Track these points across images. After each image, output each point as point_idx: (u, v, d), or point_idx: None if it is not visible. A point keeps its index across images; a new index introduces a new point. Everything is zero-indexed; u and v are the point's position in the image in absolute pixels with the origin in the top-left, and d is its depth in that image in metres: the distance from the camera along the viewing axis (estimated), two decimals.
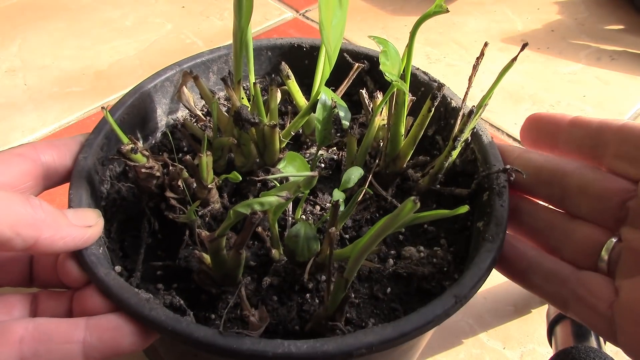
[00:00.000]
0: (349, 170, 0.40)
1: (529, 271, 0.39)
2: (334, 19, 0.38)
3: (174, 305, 0.35)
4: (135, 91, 0.45)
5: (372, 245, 0.27)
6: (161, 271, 0.40)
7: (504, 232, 0.37)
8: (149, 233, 0.41)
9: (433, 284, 0.39)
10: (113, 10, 0.89)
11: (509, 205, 0.39)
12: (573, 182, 0.38)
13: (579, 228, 0.38)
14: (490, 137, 0.43)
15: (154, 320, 0.32)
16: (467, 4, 0.94)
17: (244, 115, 0.39)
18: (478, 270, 0.35)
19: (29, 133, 0.68)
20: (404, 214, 0.24)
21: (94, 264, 0.34)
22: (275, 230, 0.37)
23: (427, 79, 0.48)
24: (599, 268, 0.37)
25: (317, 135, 0.41)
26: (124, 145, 0.37)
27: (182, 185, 0.38)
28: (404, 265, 0.40)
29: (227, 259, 0.33)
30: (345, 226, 0.43)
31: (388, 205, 0.44)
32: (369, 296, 0.39)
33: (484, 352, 0.53)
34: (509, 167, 0.39)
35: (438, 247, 0.42)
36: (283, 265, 0.39)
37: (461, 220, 0.43)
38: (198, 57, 0.48)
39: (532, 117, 0.41)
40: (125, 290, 0.33)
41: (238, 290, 0.34)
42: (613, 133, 0.37)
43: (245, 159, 0.43)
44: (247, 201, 0.28)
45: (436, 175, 0.43)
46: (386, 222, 0.25)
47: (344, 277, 0.31)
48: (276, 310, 0.37)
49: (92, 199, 0.39)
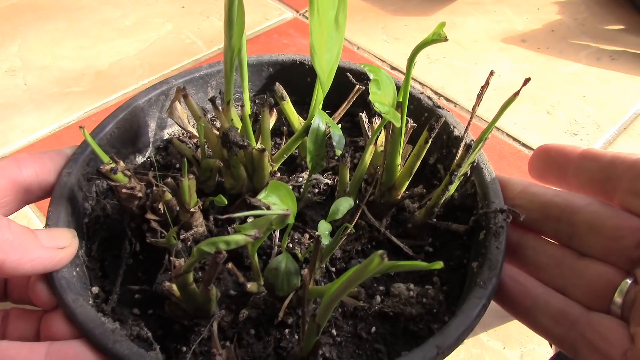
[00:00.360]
0: (338, 200, 0.38)
1: (534, 310, 0.36)
2: (329, 41, 0.36)
3: (141, 337, 0.34)
4: (128, 105, 0.44)
5: (341, 295, 0.25)
6: (139, 295, 0.38)
7: (497, 278, 0.35)
8: (130, 254, 0.40)
9: (421, 326, 0.37)
10: (113, 10, 0.89)
11: (505, 248, 0.36)
12: (583, 219, 0.36)
13: (589, 267, 0.36)
14: (492, 171, 0.41)
15: (116, 354, 0.30)
16: (467, 4, 0.94)
17: (231, 137, 0.38)
18: (465, 319, 0.33)
19: (29, 133, 0.68)
20: (369, 270, 0.22)
21: (62, 289, 0.33)
22: (255, 261, 0.35)
23: (431, 105, 0.45)
24: (612, 311, 0.34)
25: (308, 162, 0.40)
26: (103, 164, 0.35)
27: (162, 208, 0.36)
28: (392, 304, 0.38)
29: (197, 293, 0.31)
30: (333, 257, 0.41)
31: (381, 237, 0.42)
32: (352, 335, 0.37)
33: (484, 352, 0.52)
34: (506, 208, 0.36)
35: (430, 286, 0.39)
36: (263, 297, 0.37)
37: (457, 257, 0.41)
38: (196, 72, 0.47)
39: (542, 148, 0.39)
40: (91, 320, 0.32)
41: (209, 324, 0.33)
42: (626, 168, 0.34)
43: (234, 181, 0.42)
44: (212, 239, 0.26)
45: (432, 209, 0.40)
46: (354, 274, 0.23)
47: (315, 322, 0.29)
48: (252, 345, 0.35)
49: (73, 216, 0.38)
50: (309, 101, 0.48)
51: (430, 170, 0.47)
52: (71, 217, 0.38)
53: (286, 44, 0.83)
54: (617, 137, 0.73)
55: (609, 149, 0.71)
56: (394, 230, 0.42)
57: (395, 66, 0.80)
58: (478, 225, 0.39)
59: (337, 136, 0.40)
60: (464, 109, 0.74)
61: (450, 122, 0.44)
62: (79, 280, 0.36)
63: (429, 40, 0.33)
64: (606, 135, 0.72)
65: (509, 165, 0.68)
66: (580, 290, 0.36)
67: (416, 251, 0.42)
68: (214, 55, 0.81)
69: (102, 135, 0.42)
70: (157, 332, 0.36)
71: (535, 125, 0.72)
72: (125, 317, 0.37)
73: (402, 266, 0.25)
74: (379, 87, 0.32)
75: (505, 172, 0.67)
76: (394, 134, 0.38)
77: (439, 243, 0.42)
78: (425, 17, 0.90)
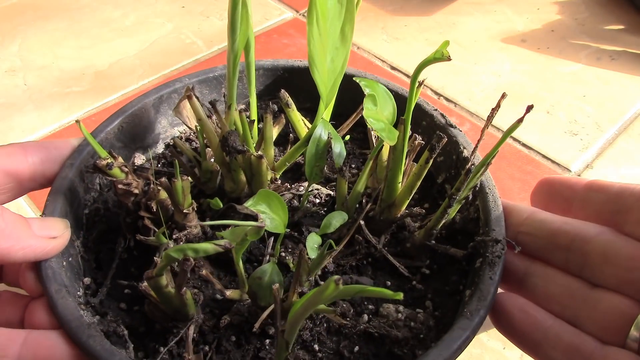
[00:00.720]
0: (331, 214, 0.38)
1: (545, 343, 0.34)
2: (333, 52, 0.35)
3: (117, 334, 0.34)
4: (139, 101, 0.44)
5: (301, 318, 0.24)
6: (129, 290, 0.39)
7: (486, 310, 0.33)
8: (124, 249, 0.40)
9: (405, 351, 0.36)
10: (113, 10, 0.89)
11: (500, 279, 0.35)
12: (596, 248, 0.34)
13: (603, 298, 0.34)
14: (498, 197, 0.39)
15: (88, 348, 0.31)
16: (467, 4, 0.93)
17: (230, 142, 0.37)
18: (444, 350, 0.31)
19: (29, 133, 0.68)
20: (325, 296, 0.21)
21: (47, 278, 0.34)
22: (239, 268, 0.35)
23: (444, 123, 0.44)
24: (628, 345, 0.32)
25: (307, 172, 0.39)
26: (100, 159, 0.36)
27: (155, 207, 0.37)
28: (378, 325, 0.37)
29: (173, 296, 0.31)
30: (326, 270, 0.40)
31: (377, 254, 0.41)
32: (334, 352, 0.36)
33: (484, 352, 0.51)
34: (501, 238, 0.35)
35: (422, 310, 0.38)
36: (248, 305, 0.37)
37: (453, 283, 0.39)
38: (210, 72, 0.47)
39: (543, 181, 0.37)
40: (70, 312, 0.32)
41: (186, 328, 0.32)
42: (636, 199, 0.33)
43: (234, 185, 0.42)
44: (181, 246, 0.26)
45: (431, 230, 0.39)
46: (310, 299, 0.23)
47: (284, 338, 0.28)
48: (230, 352, 0.35)
49: (72, 207, 0.39)
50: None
51: (437, 189, 0.45)
52: (70, 208, 0.38)
53: (286, 44, 0.82)
54: (617, 137, 0.72)
55: (609, 149, 0.70)
56: (392, 249, 0.41)
57: (395, 66, 0.79)
58: (477, 252, 0.38)
59: (338, 148, 0.39)
60: (464, 109, 0.73)
61: (461, 142, 0.43)
62: (71, 270, 0.37)
63: (432, 59, 0.32)
64: (606, 135, 0.72)
65: (508, 165, 0.67)
66: (593, 323, 0.34)
67: (412, 272, 0.40)
68: (214, 55, 0.81)
69: (109, 129, 0.42)
70: (139, 329, 0.36)
71: (535, 125, 0.72)
72: (109, 312, 0.37)
73: (364, 292, 0.24)
74: (375, 102, 0.31)
75: (505, 172, 0.66)
76: (396, 150, 0.37)
77: (437, 266, 0.41)
78: (425, 17, 0.89)
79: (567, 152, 0.69)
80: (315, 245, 0.36)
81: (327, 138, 0.39)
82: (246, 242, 0.29)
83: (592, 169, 0.67)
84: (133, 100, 0.44)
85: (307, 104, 0.50)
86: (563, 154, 0.68)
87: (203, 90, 0.48)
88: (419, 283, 0.40)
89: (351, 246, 0.41)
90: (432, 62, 0.32)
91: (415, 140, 0.39)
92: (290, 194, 0.43)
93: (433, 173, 0.46)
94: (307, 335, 0.36)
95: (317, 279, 0.39)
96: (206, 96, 0.48)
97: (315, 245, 0.36)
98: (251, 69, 0.40)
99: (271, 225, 0.35)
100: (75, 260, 0.39)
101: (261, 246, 0.41)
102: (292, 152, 0.41)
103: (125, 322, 0.36)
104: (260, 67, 0.48)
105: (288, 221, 0.41)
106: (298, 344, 0.36)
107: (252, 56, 0.40)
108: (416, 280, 0.40)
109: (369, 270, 0.40)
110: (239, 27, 0.35)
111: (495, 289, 0.34)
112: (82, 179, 0.40)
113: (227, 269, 0.40)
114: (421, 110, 0.45)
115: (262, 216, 0.34)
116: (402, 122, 0.35)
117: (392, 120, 0.34)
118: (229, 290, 0.35)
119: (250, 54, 0.40)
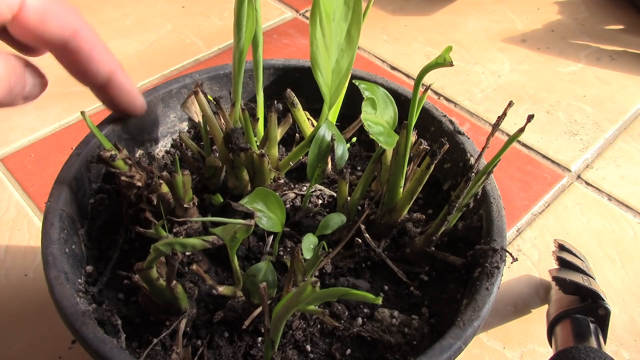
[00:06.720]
0: (329, 216, 0.38)
1: None
2: (339, 54, 0.35)
3: (111, 324, 0.34)
4: (148, 94, 0.45)
5: (283, 319, 0.24)
6: (128, 281, 0.39)
7: (479, 321, 0.33)
8: (126, 240, 0.41)
9: (397, 356, 0.36)
10: (113, 10, 0.89)
11: (497, 291, 0.34)
12: None
13: None
14: (502, 207, 0.38)
15: (81, 335, 0.31)
16: (467, 4, 0.93)
17: (233, 139, 0.38)
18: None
19: (29, 133, 0.69)
20: (303, 298, 0.21)
21: (48, 265, 0.34)
22: (234, 265, 0.35)
23: (452, 129, 0.44)
24: None
25: (308, 172, 0.39)
26: (103, 150, 0.36)
27: (155, 200, 0.37)
28: (371, 329, 0.37)
29: (164, 289, 0.31)
30: (324, 272, 0.40)
31: (376, 257, 0.40)
32: (326, 354, 0.36)
33: (484, 352, 0.51)
34: (499, 248, 0.34)
35: (417, 316, 0.38)
36: (242, 302, 0.37)
37: (451, 290, 0.39)
38: (221, 69, 0.47)
39: None
40: (66, 298, 0.33)
41: (178, 322, 0.33)
42: None
43: (238, 181, 0.42)
44: (170, 240, 0.27)
45: (431, 237, 0.39)
46: (290, 299, 0.23)
47: (269, 337, 0.28)
48: (221, 348, 0.35)
49: (77, 196, 0.39)
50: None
51: (443, 196, 0.45)
52: (75, 197, 0.39)
53: (286, 43, 0.82)
54: (617, 137, 0.71)
55: (609, 149, 0.69)
56: (392, 253, 0.41)
57: (395, 66, 0.79)
58: (476, 262, 0.37)
59: (340, 150, 0.39)
60: (464, 109, 0.73)
61: (468, 150, 0.42)
62: (74, 258, 0.38)
63: (435, 64, 0.31)
64: (606, 135, 0.71)
65: (509, 165, 0.67)
66: None
67: (410, 278, 0.40)
68: (214, 55, 0.81)
69: (116, 122, 0.43)
70: (135, 320, 0.37)
71: (535, 125, 0.72)
72: (106, 301, 0.37)
73: (346, 294, 0.24)
74: (375, 106, 0.31)
75: (505, 172, 0.66)
76: (398, 155, 0.37)
77: (436, 273, 0.40)
78: (425, 17, 0.89)
79: (567, 152, 0.68)
80: (311, 246, 0.36)
81: (330, 139, 0.39)
82: (238, 239, 0.29)
83: (592, 169, 0.67)
84: (142, 94, 0.45)
85: (317, 105, 0.49)
86: (563, 154, 0.68)
87: (213, 87, 0.48)
88: (416, 289, 0.40)
89: (350, 249, 0.41)
90: (435, 67, 0.32)
91: (421, 146, 0.39)
92: (293, 193, 0.43)
93: (440, 180, 0.46)
94: (299, 335, 0.36)
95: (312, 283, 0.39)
96: (216, 93, 0.48)
97: (311, 245, 0.36)
98: (259, 67, 0.40)
99: (267, 224, 0.35)
100: (79, 248, 0.39)
101: (261, 244, 0.41)
102: (295, 152, 0.41)
103: (121, 312, 0.37)
104: (271, 67, 0.49)
105: (289, 221, 0.41)
106: (290, 344, 0.36)
107: (260, 54, 0.40)
108: (414, 286, 0.40)
109: (367, 273, 0.40)
110: (244, 25, 0.35)
111: (492, 301, 0.34)
112: (88, 168, 0.41)
113: (225, 265, 0.40)
114: (429, 115, 0.45)
115: (258, 214, 0.34)
116: (404, 127, 0.35)
117: (392, 125, 0.34)
118: (221, 287, 0.35)
119: (258, 52, 0.40)
